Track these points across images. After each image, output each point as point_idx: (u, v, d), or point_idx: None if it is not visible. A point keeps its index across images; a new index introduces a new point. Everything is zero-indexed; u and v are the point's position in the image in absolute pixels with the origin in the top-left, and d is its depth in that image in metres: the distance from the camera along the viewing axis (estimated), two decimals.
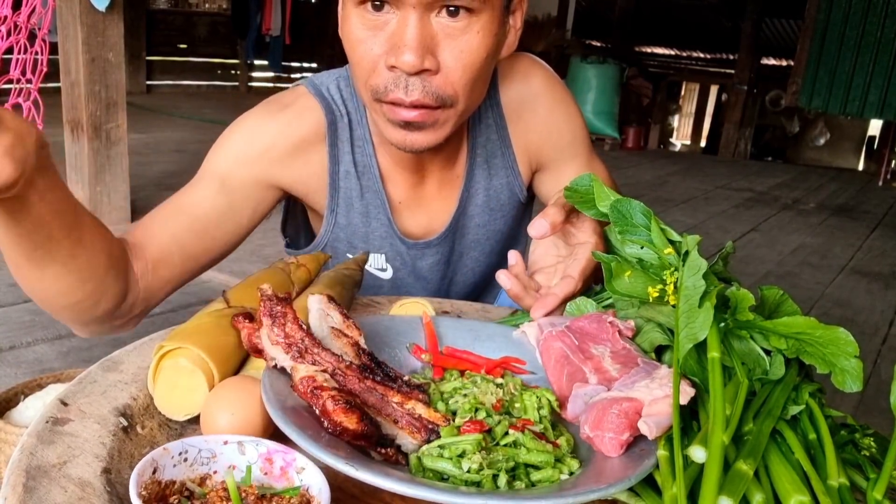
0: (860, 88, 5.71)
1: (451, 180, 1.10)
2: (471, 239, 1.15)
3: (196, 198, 0.98)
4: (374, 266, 1.12)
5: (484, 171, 1.10)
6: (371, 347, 0.73)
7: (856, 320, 2.99)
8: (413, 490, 0.53)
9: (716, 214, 4.82)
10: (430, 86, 0.86)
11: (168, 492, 0.54)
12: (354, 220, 1.08)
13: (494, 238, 1.16)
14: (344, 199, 1.07)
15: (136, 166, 3.60)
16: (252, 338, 0.68)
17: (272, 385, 0.63)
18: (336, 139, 1.04)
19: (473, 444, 0.60)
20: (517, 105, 1.10)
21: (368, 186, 1.06)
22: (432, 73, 0.86)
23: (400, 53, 0.83)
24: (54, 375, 1.15)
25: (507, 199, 1.14)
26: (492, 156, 1.10)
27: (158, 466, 0.54)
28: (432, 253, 1.12)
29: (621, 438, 0.61)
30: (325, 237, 1.10)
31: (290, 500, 0.53)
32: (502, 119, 1.09)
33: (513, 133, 1.10)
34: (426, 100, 0.86)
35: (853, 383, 0.66)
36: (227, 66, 8.87)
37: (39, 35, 1.81)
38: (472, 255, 1.16)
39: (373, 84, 0.88)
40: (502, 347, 0.80)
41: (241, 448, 0.57)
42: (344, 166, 1.05)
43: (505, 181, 1.12)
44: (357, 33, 0.87)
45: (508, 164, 1.11)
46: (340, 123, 1.04)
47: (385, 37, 0.85)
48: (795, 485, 0.55)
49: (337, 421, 0.58)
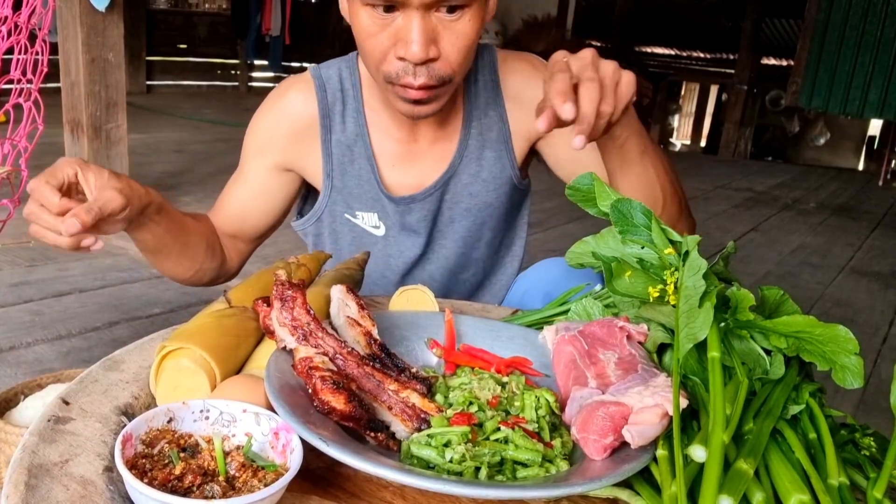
0: (860, 88, 5.70)
1: (443, 142, 1.19)
2: (463, 206, 1.22)
3: (237, 190, 1.23)
4: (368, 224, 1.23)
5: (478, 142, 1.20)
6: (392, 339, 0.77)
7: (856, 320, 2.99)
8: (376, 469, 0.54)
9: (716, 214, 4.82)
10: (434, 70, 0.99)
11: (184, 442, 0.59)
12: (349, 182, 1.20)
13: (486, 211, 1.23)
14: (338, 164, 1.20)
15: (136, 166, 3.60)
16: (266, 319, 0.72)
17: (276, 364, 0.67)
18: (328, 111, 1.19)
19: (459, 435, 0.61)
20: (518, 92, 1.19)
21: (360, 153, 1.19)
22: (434, 60, 0.99)
23: (408, 48, 0.96)
24: (54, 375, 1.15)
25: (500, 173, 1.21)
26: (487, 129, 1.20)
27: (175, 417, 0.60)
28: (418, 208, 1.20)
29: (604, 442, 0.61)
30: (323, 200, 1.22)
31: (266, 474, 0.57)
32: (500, 98, 1.19)
33: (511, 114, 1.20)
34: (431, 81, 1.00)
35: (854, 380, 0.66)
36: (227, 66, 8.87)
37: (40, 35, 1.81)
38: (464, 223, 1.24)
39: (385, 70, 1.01)
40: (521, 349, 0.81)
41: (257, 419, 0.61)
42: (336, 135, 1.19)
43: (496, 154, 1.20)
44: (368, 28, 0.99)
45: (503, 140, 1.20)
46: (333, 99, 1.19)
47: (393, 31, 0.98)
48: (796, 484, 0.56)
49: (325, 400, 0.61)
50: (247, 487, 0.55)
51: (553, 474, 0.61)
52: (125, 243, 3.00)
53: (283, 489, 0.54)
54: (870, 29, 5.60)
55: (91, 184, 0.86)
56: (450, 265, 1.26)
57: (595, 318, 0.83)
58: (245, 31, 8.38)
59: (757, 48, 8.08)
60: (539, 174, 1.31)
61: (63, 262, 2.69)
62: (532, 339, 0.83)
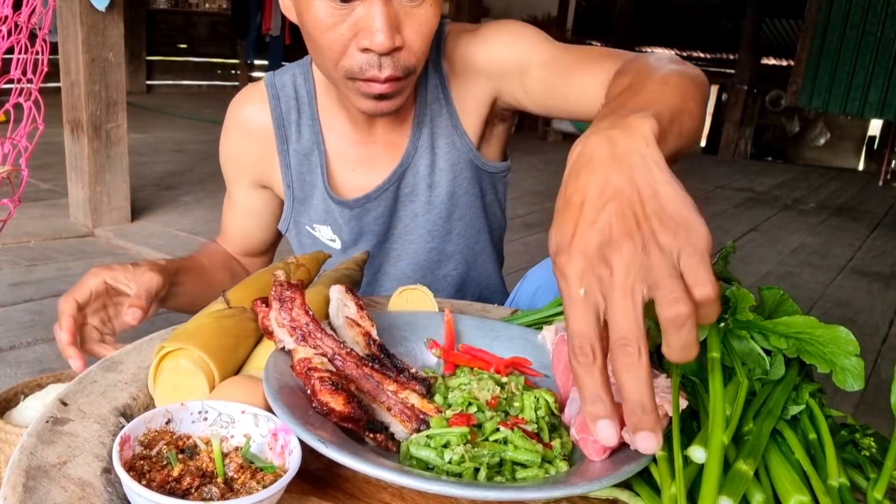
0: (860, 88, 5.70)
1: (398, 137, 1.15)
2: (423, 200, 1.17)
3: (232, 214, 1.27)
4: (325, 237, 1.22)
5: (428, 131, 1.14)
6: (391, 340, 0.76)
7: (856, 320, 2.99)
8: (375, 471, 0.54)
9: (716, 214, 4.82)
10: (399, 60, 0.95)
11: (182, 444, 0.59)
12: (308, 192, 1.19)
13: (450, 201, 1.17)
14: (297, 174, 1.18)
15: (136, 166, 3.60)
16: (265, 320, 0.72)
17: (275, 365, 0.67)
18: (282, 121, 1.17)
19: (458, 436, 0.61)
20: (457, 67, 1.13)
21: (316, 161, 1.17)
22: (399, 50, 0.94)
23: (373, 37, 0.91)
24: (54, 375, 1.15)
25: (456, 160, 1.15)
26: (437, 115, 1.14)
27: (174, 419, 0.60)
28: (373, 206, 1.16)
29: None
30: (288, 212, 1.22)
31: (265, 475, 0.57)
32: (444, 80, 1.13)
33: (455, 91, 1.14)
34: (397, 73, 0.95)
35: (854, 382, 0.66)
36: (227, 66, 8.87)
37: (40, 35, 1.81)
38: (428, 217, 1.18)
39: (346, 65, 0.95)
40: (520, 349, 0.81)
41: (256, 420, 0.61)
42: (292, 145, 1.17)
43: (448, 140, 1.15)
44: (325, 21, 0.93)
45: (452, 124, 1.14)
46: (287, 108, 1.17)
47: (353, 21, 0.92)
48: (795, 484, 0.55)
49: (323, 401, 0.61)
50: (245, 489, 0.55)
51: (552, 475, 0.61)
52: (125, 243, 3.00)
53: (281, 491, 0.54)
54: (870, 29, 5.60)
55: (124, 280, 0.95)
56: (421, 261, 1.21)
57: None
58: (245, 30, 8.38)
59: (757, 48, 8.07)
60: (539, 174, 1.30)
61: (63, 262, 2.69)
62: (532, 339, 0.83)
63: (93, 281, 0.93)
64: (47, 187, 3.68)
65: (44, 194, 3.56)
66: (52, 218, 3.21)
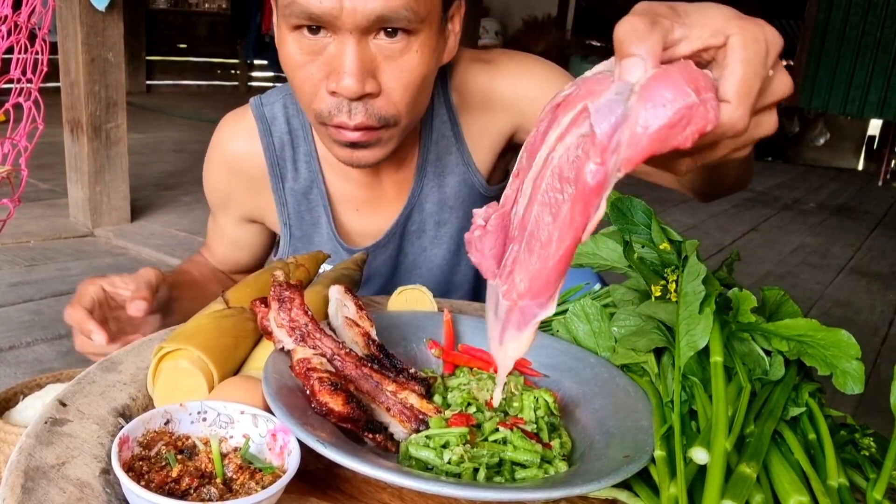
0: (860, 88, 5.71)
1: (405, 182, 1.09)
2: (431, 236, 1.13)
3: (219, 241, 1.23)
4: None
5: (436, 169, 1.08)
6: (390, 340, 0.76)
7: (856, 320, 2.99)
8: (374, 471, 0.54)
9: (716, 214, 4.82)
10: (373, 108, 0.86)
11: (181, 444, 0.59)
12: (308, 230, 1.13)
13: (459, 235, 1.13)
14: (294, 212, 1.12)
15: (135, 166, 3.59)
16: (264, 320, 0.72)
17: (274, 365, 0.67)
18: (276, 159, 1.09)
19: (457, 436, 0.61)
20: (471, 95, 1.06)
21: (316, 200, 1.10)
22: (374, 96, 0.85)
23: (340, 79, 0.82)
24: (54, 375, 1.15)
25: (467, 195, 1.11)
26: (445, 152, 1.08)
27: (172, 419, 0.60)
28: (381, 253, 1.12)
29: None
30: (284, 248, 1.16)
31: (264, 476, 0.57)
32: (454, 115, 1.06)
33: (466, 126, 1.07)
34: (369, 122, 0.86)
35: (854, 385, 0.66)
36: (227, 66, 8.86)
37: (40, 35, 1.81)
38: (436, 251, 1.13)
39: (316, 108, 0.88)
40: None
41: (255, 420, 0.61)
42: (288, 183, 1.10)
43: (460, 178, 1.09)
44: (296, 58, 0.86)
45: (464, 161, 1.08)
46: (281, 144, 1.09)
47: (324, 61, 0.85)
48: (795, 485, 0.55)
49: (322, 401, 0.61)
50: (244, 489, 0.55)
51: (552, 475, 0.61)
52: (125, 243, 3.00)
53: (280, 491, 0.54)
54: (870, 29, 5.61)
55: (121, 283, 0.93)
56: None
57: (594, 318, 0.82)
58: (245, 30, 8.37)
59: None
60: None
61: (63, 262, 2.68)
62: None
63: (91, 288, 0.90)
64: (47, 187, 3.68)
65: (43, 194, 3.56)
66: (52, 218, 3.21)
